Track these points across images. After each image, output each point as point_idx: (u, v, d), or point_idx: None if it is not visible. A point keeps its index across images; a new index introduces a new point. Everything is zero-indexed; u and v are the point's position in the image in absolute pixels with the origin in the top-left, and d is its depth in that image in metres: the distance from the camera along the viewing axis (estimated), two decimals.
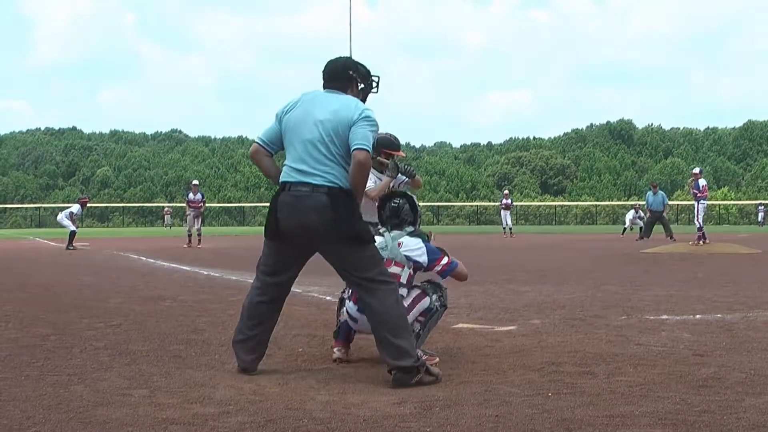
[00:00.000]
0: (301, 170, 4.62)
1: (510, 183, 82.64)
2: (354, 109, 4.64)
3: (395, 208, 5.40)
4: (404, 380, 4.44)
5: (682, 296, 8.92)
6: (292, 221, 4.61)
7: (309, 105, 4.72)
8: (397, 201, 5.41)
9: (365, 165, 4.59)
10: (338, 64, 4.85)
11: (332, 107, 4.65)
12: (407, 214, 5.37)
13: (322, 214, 4.54)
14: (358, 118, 4.60)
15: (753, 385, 4.41)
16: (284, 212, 4.64)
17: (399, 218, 5.34)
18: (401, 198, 5.45)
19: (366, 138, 4.57)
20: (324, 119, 4.61)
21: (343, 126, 4.59)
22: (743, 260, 15.73)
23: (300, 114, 4.70)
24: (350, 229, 4.59)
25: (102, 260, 17.13)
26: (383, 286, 4.61)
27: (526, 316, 7.31)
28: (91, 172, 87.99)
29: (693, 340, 5.93)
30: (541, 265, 14.63)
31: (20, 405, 4.00)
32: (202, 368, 4.98)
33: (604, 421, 3.66)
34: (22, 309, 8.07)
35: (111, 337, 6.26)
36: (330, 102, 4.70)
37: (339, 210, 4.55)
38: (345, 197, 4.60)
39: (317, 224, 4.55)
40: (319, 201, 4.55)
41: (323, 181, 4.57)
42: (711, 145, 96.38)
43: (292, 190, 4.62)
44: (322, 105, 4.69)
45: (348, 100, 4.71)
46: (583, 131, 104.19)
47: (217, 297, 9.15)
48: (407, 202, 5.45)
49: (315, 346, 5.81)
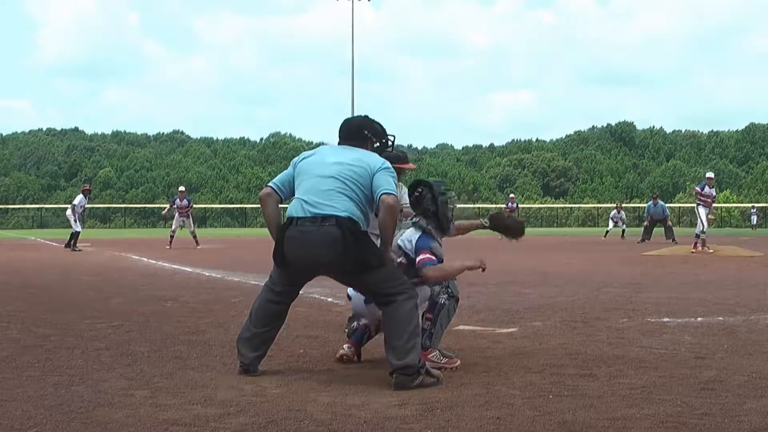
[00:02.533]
0: (309, 202, 4.63)
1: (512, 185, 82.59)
2: (375, 160, 4.74)
3: (418, 197, 5.42)
4: (405, 383, 4.43)
5: (684, 299, 8.91)
6: (300, 256, 4.63)
7: (327, 152, 4.83)
8: (420, 190, 5.42)
9: (394, 208, 4.64)
10: (353, 124, 4.96)
11: (355, 155, 4.75)
12: (429, 203, 5.40)
13: (330, 248, 4.53)
14: (380, 167, 4.68)
15: (754, 388, 4.41)
16: (292, 247, 4.65)
17: (422, 207, 5.37)
18: (423, 187, 5.46)
19: (391, 185, 4.65)
20: (343, 161, 4.70)
21: (364, 171, 4.66)
22: (745, 263, 15.72)
23: (318, 158, 4.80)
24: (360, 258, 4.59)
25: (104, 261, 17.14)
26: (400, 296, 4.62)
27: (527, 318, 7.31)
28: (93, 173, 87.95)
29: (694, 342, 5.93)
30: (543, 267, 14.62)
31: (21, 405, 4.00)
32: (204, 369, 4.98)
33: (606, 423, 3.66)
34: (24, 309, 8.08)
35: (112, 337, 6.26)
36: (352, 152, 4.78)
37: (348, 241, 4.53)
38: (353, 226, 4.59)
39: (326, 259, 4.58)
40: (327, 234, 4.54)
41: (332, 211, 4.57)
42: (713, 147, 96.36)
43: (299, 224, 4.62)
44: (341, 153, 4.79)
45: (370, 153, 4.82)
46: (585, 133, 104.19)
47: (219, 298, 9.15)
48: (429, 191, 5.46)
49: (316, 348, 5.81)
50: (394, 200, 4.63)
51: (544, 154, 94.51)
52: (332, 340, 6.04)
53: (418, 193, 5.40)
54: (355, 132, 4.90)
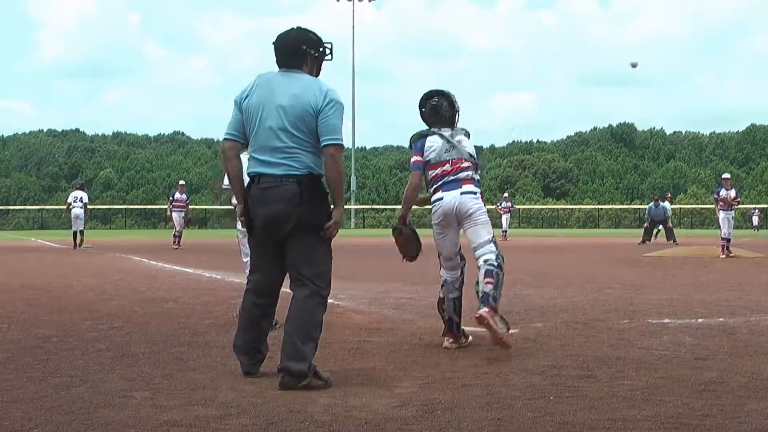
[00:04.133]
0: (267, 161, 4.55)
1: (513, 186, 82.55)
2: (317, 93, 4.54)
3: (435, 106, 5.47)
4: (292, 384, 4.40)
5: (685, 300, 8.91)
6: (262, 213, 4.57)
7: (267, 89, 4.60)
8: (436, 99, 5.47)
9: (338, 159, 4.55)
10: (289, 39, 4.70)
11: (292, 91, 4.54)
12: (446, 110, 5.47)
13: (290, 202, 4.48)
14: (323, 104, 4.52)
15: (755, 389, 4.41)
16: (254, 205, 4.60)
17: (439, 115, 5.43)
18: (439, 96, 5.51)
19: (335, 129, 4.52)
20: (286, 105, 4.52)
21: (308, 113, 4.51)
22: (745, 264, 15.71)
23: (259, 99, 4.59)
24: (318, 217, 4.55)
25: (104, 262, 17.14)
26: (314, 285, 4.55)
27: (528, 320, 7.31)
28: (93, 174, 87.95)
29: (695, 344, 5.93)
30: (544, 269, 14.62)
31: (22, 406, 4.00)
32: (204, 370, 4.98)
33: (606, 424, 3.66)
34: (24, 310, 8.08)
35: (113, 338, 6.26)
36: (289, 85, 4.58)
37: (307, 197, 4.50)
38: (314, 185, 4.56)
39: (286, 213, 4.49)
40: (287, 190, 4.50)
41: (290, 170, 4.51)
42: (714, 148, 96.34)
43: (261, 182, 4.57)
44: (282, 88, 4.57)
45: (307, 83, 4.60)
46: (585, 134, 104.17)
47: (220, 299, 9.15)
48: (445, 99, 5.53)
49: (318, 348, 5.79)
50: (336, 150, 4.52)
51: (545, 156, 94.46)
52: (333, 341, 6.04)
53: (435, 102, 5.47)
54: (293, 49, 4.66)
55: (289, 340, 4.51)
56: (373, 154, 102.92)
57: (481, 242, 5.58)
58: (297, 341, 4.48)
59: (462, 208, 5.54)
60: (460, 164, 5.57)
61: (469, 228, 5.61)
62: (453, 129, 5.61)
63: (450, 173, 5.58)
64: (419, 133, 5.68)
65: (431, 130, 5.60)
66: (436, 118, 5.57)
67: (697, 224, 60.96)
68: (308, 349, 4.50)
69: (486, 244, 5.58)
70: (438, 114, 5.57)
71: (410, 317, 7.49)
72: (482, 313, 5.31)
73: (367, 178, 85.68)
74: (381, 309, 8.23)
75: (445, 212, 5.59)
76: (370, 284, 11.07)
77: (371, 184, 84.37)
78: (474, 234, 5.60)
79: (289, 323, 4.57)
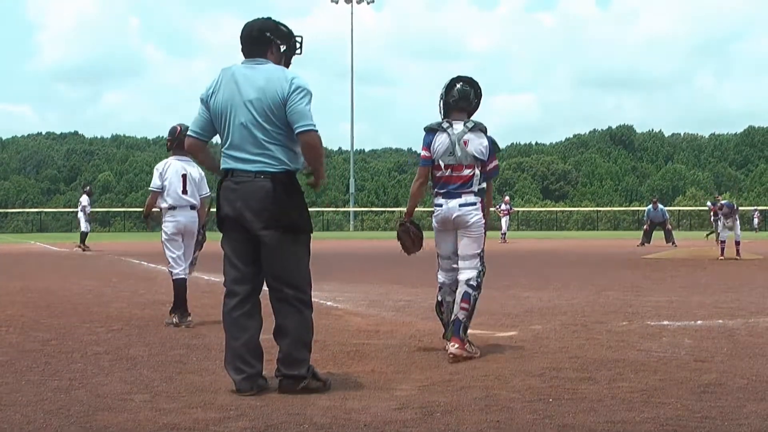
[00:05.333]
0: (240, 158, 4.47)
1: (511, 188, 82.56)
2: (282, 82, 4.43)
3: (465, 92, 5.47)
4: (291, 386, 4.39)
5: (683, 302, 8.91)
6: (234, 208, 4.48)
7: (232, 84, 4.48)
8: (465, 86, 5.48)
9: (315, 145, 4.46)
10: (254, 28, 4.60)
11: (258, 83, 4.44)
12: (473, 99, 5.48)
13: (263, 199, 4.40)
14: (290, 91, 4.41)
15: (755, 391, 4.41)
16: (226, 199, 4.51)
17: (468, 101, 5.45)
18: (464, 82, 5.50)
19: (305, 116, 4.41)
20: (253, 98, 4.41)
21: (276, 104, 4.41)
22: (744, 266, 15.72)
23: (226, 95, 4.48)
24: (292, 215, 4.45)
25: (103, 265, 17.13)
26: (296, 296, 4.46)
27: (527, 322, 7.31)
28: (92, 177, 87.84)
29: (694, 345, 5.93)
30: (543, 271, 14.62)
31: (21, 410, 4.00)
32: (203, 373, 4.98)
33: (605, 427, 3.66)
34: (23, 314, 8.07)
35: (112, 341, 6.26)
36: (254, 77, 4.46)
37: (281, 195, 4.42)
38: (289, 182, 4.48)
39: (258, 210, 4.41)
40: (261, 187, 4.41)
41: (265, 167, 4.43)
42: (712, 150, 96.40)
43: (234, 176, 4.49)
44: (247, 81, 4.46)
45: (271, 72, 4.48)
46: (584, 136, 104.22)
47: (218, 301, 9.04)
48: (472, 88, 5.52)
49: (315, 351, 5.77)
50: (312, 137, 4.43)
51: (544, 158, 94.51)
52: (331, 343, 6.04)
53: (467, 89, 5.46)
54: (257, 37, 4.56)
55: (285, 351, 4.46)
56: (372, 157, 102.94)
57: (468, 255, 5.58)
58: (292, 351, 4.44)
59: (460, 221, 5.56)
60: (461, 171, 5.54)
61: (462, 238, 5.62)
62: (465, 123, 5.56)
63: (450, 181, 5.57)
64: (430, 126, 5.63)
65: (442, 125, 5.56)
66: (465, 104, 5.55)
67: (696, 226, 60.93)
68: (304, 355, 4.49)
69: (472, 258, 5.58)
70: (467, 100, 5.56)
71: (409, 320, 7.49)
72: (454, 352, 5.33)
73: (366, 180, 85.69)
74: (380, 311, 8.23)
75: (443, 220, 5.63)
76: (369, 287, 11.07)
77: (370, 186, 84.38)
78: (464, 246, 5.60)
79: (280, 337, 4.48)
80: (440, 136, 5.56)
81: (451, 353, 5.32)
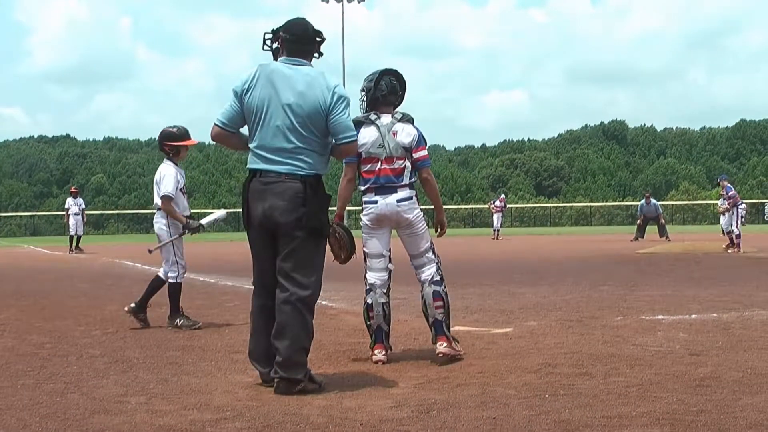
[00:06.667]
0: (271, 159, 4.48)
1: (504, 185, 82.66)
2: (324, 90, 4.47)
3: (394, 86, 5.46)
4: (287, 389, 4.38)
5: (678, 296, 8.93)
6: (261, 208, 4.48)
7: (270, 84, 4.48)
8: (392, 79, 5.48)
9: (351, 152, 4.76)
10: (309, 28, 4.64)
11: (297, 87, 4.46)
12: (399, 92, 5.50)
13: (293, 199, 4.42)
14: (332, 102, 4.47)
15: (749, 384, 4.42)
16: (254, 199, 4.52)
17: (396, 95, 5.46)
18: (392, 76, 5.50)
19: (348, 128, 4.55)
20: (292, 102, 4.43)
21: (316, 112, 4.45)
22: (738, 260, 15.76)
23: (263, 93, 4.48)
24: (320, 219, 4.50)
25: (97, 267, 17.09)
26: (302, 296, 4.47)
27: (522, 318, 7.32)
28: (85, 180, 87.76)
29: (689, 339, 5.94)
30: (537, 267, 14.64)
31: (16, 413, 3.99)
32: (199, 374, 4.97)
33: (602, 422, 3.67)
34: (18, 317, 8.05)
35: (107, 344, 6.25)
36: (295, 79, 4.48)
37: (311, 198, 4.45)
38: (318, 186, 4.53)
39: (287, 210, 4.42)
40: (290, 188, 4.43)
41: (296, 169, 4.46)
42: (704, 144, 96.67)
43: (263, 176, 4.51)
44: (287, 83, 4.47)
45: (313, 78, 4.51)
46: (577, 132, 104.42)
47: (214, 303, 9.13)
48: (398, 82, 5.52)
49: (312, 351, 5.79)
50: (351, 148, 4.66)
51: (536, 154, 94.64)
52: (326, 342, 6.04)
53: (394, 83, 5.45)
54: (311, 38, 4.63)
55: (283, 353, 4.43)
56: None
57: (420, 252, 5.44)
58: (291, 354, 4.42)
59: (401, 219, 5.37)
60: (392, 164, 5.36)
61: (406, 237, 5.46)
62: (393, 115, 5.43)
63: (382, 174, 5.37)
64: (357, 119, 5.33)
65: (369, 117, 5.41)
66: (393, 97, 5.48)
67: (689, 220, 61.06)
68: (302, 359, 4.48)
69: (424, 254, 5.44)
70: (395, 94, 5.48)
71: (404, 318, 7.48)
72: (444, 351, 5.23)
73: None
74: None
75: (379, 217, 5.40)
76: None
77: None
78: (412, 244, 5.45)
79: (279, 337, 4.45)
80: (368, 128, 5.36)
81: (441, 352, 5.21)
